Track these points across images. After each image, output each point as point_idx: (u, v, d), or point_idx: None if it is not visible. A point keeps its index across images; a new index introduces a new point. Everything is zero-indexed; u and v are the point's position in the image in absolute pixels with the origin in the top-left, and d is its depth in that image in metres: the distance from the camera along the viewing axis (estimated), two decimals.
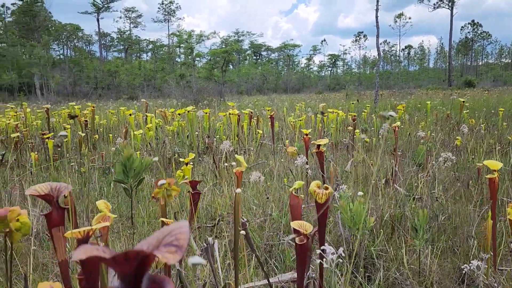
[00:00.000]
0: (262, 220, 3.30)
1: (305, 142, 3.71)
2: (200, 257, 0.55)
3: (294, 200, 1.67)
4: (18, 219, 1.43)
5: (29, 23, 55.31)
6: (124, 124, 8.96)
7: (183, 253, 0.51)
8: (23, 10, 54.28)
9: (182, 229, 0.54)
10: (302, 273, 1.57)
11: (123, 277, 0.54)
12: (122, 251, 0.50)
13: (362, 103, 14.04)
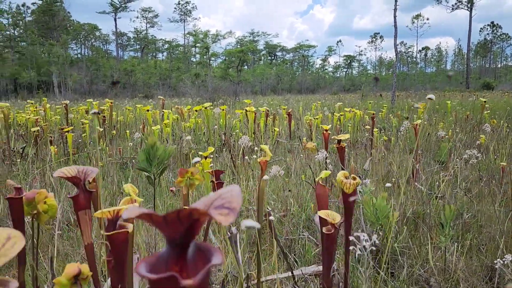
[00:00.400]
0: (281, 215, 3.27)
1: (324, 137, 3.67)
2: (253, 221, 0.52)
3: (321, 189, 1.64)
4: (45, 202, 1.43)
5: (48, 22, 56.33)
6: (141, 121, 9.03)
7: (236, 216, 0.49)
8: (43, 9, 55.32)
9: (233, 192, 0.52)
10: (328, 263, 1.53)
11: (171, 241, 0.52)
12: (174, 210, 0.48)
13: (378, 103, 13.88)
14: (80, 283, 1.25)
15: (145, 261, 0.53)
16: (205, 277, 0.51)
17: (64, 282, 1.21)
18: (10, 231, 0.62)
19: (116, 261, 1.12)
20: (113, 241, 1.09)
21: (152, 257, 0.54)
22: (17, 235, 0.61)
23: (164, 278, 0.48)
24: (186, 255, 0.55)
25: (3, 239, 0.61)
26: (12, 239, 0.60)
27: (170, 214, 0.46)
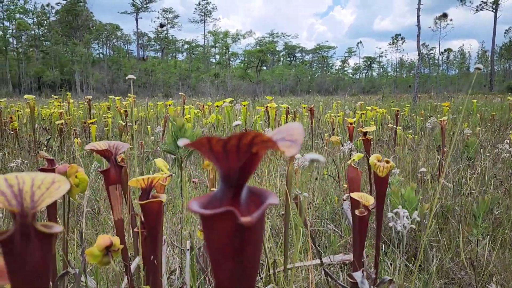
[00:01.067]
0: (306, 208, 3.23)
1: (349, 131, 3.61)
2: (317, 154, 0.49)
3: (353, 172, 1.59)
4: (76, 176, 1.43)
5: (72, 22, 57.57)
6: (161, 117, 9.09)
7: (299, 148, 0.45)
8: (67, 9, 56.56)
9: (294, 126, 0.49)
10: (361, 247, 1.48)
11: (226, 178, 0.49)
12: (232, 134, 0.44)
13: (400, 104, 13.65)
14: (112, 255, 1.24)
15: (196, 200, 0.50)
16: (262, 216, 0.48)
17: (96, 252, 1.20)
18: (54, 175, 0.60)
19: (149, 232, 1.10)
20: (146, 211, 1.07)
21: (204, 197, 0.51)
22: (61, 179, 0.59)
23: (219, 214, 0.45)
24: (239, 197, 0.52)
25: (47, 183, 0.59)
26: (57, 183, 0.59)
27: (231, 139, 0.42)
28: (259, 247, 0.50)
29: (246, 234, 0.48)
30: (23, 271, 0.54)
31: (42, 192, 0.57)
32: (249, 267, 0.50)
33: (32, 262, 0.54)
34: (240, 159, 0.46)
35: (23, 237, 0.55)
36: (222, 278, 0.49)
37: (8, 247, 0.54)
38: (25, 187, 0.57)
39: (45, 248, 0.55)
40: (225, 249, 0.48)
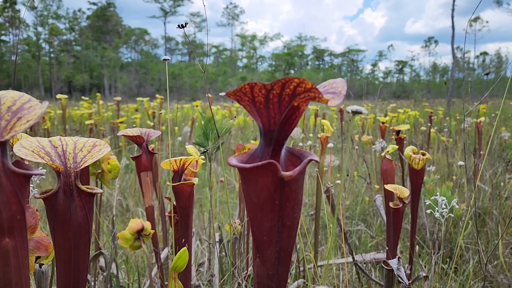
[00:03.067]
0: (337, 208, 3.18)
1: (381, 130, 3.53)
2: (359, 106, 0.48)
3: (387, 164, 1.55)
4: (109, 162, 1.46)
5: (102, 27, 59.34)
6: (188, 119, 9.20)
7: (342, 99, 0.44)
8: (97, 14, 58.38)
9: (336, 81, 0.47)
10: (395, 243, 1.44)
11: (267, 132, 0.48)
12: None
13: (433, 108, 13.28)
14: (143, 240, 1.25)
15: (236, 156, 0.49)
16: (302, 172, 0.47)
17: (128, 236, 1.21)
18: (96, 140, 0.61)
19: (181, 214, 1.11)
20: (178, 193, 1.08)
21: (243, 155, 0.51)
22: (102, 143, 0.59)
23: (261, 167, 0.45)
24: (279, 155, 0.51)
25: (89, 146, 0.60)
26: (98, 146, 0.59)
27: (275, 85, 0.42)
28: (299, 205, 0.49)
29: (286, 190, 0.47)
30: (66, 228, 0.55)
31: (84, 154, 0.58)
32: (288, 224, 0.49)
33: (74, 219, 0.55)
34: (282, 110, 0.45)
35: (66, 195, 0.56)
36: (261, 235, 0.49)
37: (52, 204, 0.55)
38: (68, 149, 0.58)
39: (87, 206, 0.56)
40: (265, 205, 0.47)
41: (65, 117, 7.15)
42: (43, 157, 0.55)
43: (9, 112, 0.44)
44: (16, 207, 0.43)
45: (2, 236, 0.42)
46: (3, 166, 0.42)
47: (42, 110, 0.44)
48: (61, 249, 0.56)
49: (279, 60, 45.82)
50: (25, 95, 0.47)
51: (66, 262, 0.57)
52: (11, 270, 0.43)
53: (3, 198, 0.41)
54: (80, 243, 0.57)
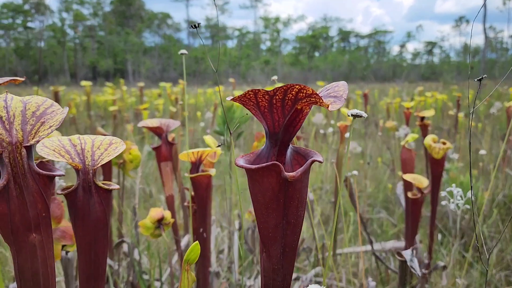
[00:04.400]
0: (357, 196, 3.17)
1: (406, 116, 3.47)
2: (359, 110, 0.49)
3: (406, 153, 1.54)
4: (130, 153, 1.51)
5: (125, 11, 59.75)
6: (211, 104, 9.26)
7: (343, 103, 0.45)
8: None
9: (339, 84, 0.49)
10: (413, 232, 1.44)
11: (272, 134, 0.50)
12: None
13: (463, 91, 12.86)
14: (163, 228, 1.30)
15: (243, 157, 0.51)
16: (306, 172, 0.48)
17: (148, 224, 1.27)
18: (112, 138, 0.64)
19: (199, 205, 1.15)
20: (196, 184, 1.11)
21: (250, 154, 0.53)
22: (118, 141, 0.63)
23: (265, 168, 0.47)
24: (285, 155, 0.53)
25: (106, 144, 0.63)
26: (114, 144, 0.63)
27: (277, 91, 0.43)
28: (303, 203, 0.51)
29: (290, 189, 0.49)
30: (86, 222, 0.59)
31: (101, 152, 0.62)
32: (293, 222, 0.51)
33: (93, 214, 0.59)
34: (285, 114, 0.47)
35: (85, 191, 0.59)
36: (267, 232, 0.51)
37: (72, 200, 0.59)
38: (86, 147, 0.62)
39: (104, 202, 0.60)
40: (270, 204, 0.49)
41: (90, 103, 7.34)
42: (64, 155, 0.59)
43: (34, 117, 0.48)
44: (41, 205, 0.46)
45: (30, 232, 0.46)
46: (29, 168, 0.45)
47: (63, 116, 0.47)
48: (81, 241, 0.61)
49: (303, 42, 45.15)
50: (47, 100, 0.50)
51: (87, 253, 0.61)
52: (38, 261, 0.47)
53: (30, 197, 0.45)
54: (99, 236, 0.61)
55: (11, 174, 0.44)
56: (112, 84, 10.24)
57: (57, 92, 6.24)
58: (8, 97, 0.49)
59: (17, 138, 0.45)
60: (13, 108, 0.48)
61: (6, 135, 0.45)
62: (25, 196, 0.45)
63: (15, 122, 0.47)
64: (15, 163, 0.45)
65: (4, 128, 0.46)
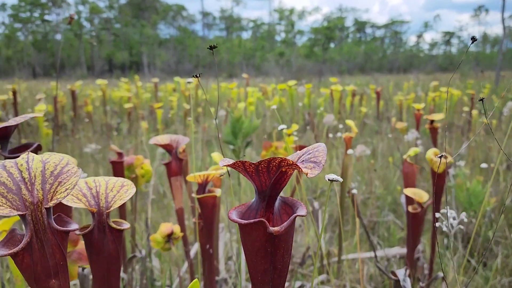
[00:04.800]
0: (365, 197, 3.21)
1: (416, 117, 3.48)
2: (336, 175, 0.55)
3: (408, 167, 1.58)
4: (142, 167, 1.59)
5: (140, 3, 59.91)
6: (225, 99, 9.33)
7: (320, 169, 0.51)
8: None
9: (319, 148, 0.54)
10: (413, 244, 1.49)
11: (260, 192, 0.56)
12: (263, 160, 0.51)
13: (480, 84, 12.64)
14: (173, 242, 1.38)
15: (235, 209, 0.58)
16: (290, 226, 0.55)
17: (159, 239, 1.35)
18: (123, 180, 0.71)
19: (205, 223, 1.22)
20: (202, 204, 1.18)
21: (242, 206, 0.59)
22: (129, 184, 0.70)
23: (253, 224, 0.53)
24: (273, 207, 0.59)
25: (118, 187, 0.70)
26: (125, 186, 0.70)
27: (262, 162, 0.49)
28: (288, 251, 0.57)
29: (276, 241, 0.55)
30: (100, 257, 0.67)
31: (114, 194, 0.69)
32: (279, 267, 0.57)
33: (107, 250, 0.66)
34: (271, 177, 0.53)
35: (100, 231, 0.67)
36: (256, 276, 0.58)
37: (88, 239, 0.67)
38: (101, 190, 0.69)
39: (117, 240, 0.67)
40: (258, 252, 0.56)
41: (106, 99, 7.48)
42: (81, 199, 0.66)
43: (52, 176, 0.55)
44: (59, 255, 0.54)
45: (50, 278, 0.54)
46: (48, 225, 0.53)
47: (77, 178, 0.54)
48: (96, 273, 0.68)
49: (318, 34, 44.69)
50: (63, 159, 0.57)
51: (101, 284, 0.69)
52: None
53: (49, 250, 0.53)
54: (112, 269, 0.68)
55: (33, 230, 0.52)
56: (127, 80, 10.39)
57: (74, 91, 6.40)
58: (29, 157, 0.56)
59: (38, 198, 0.53)
60: (34, 169, 0.55)
61: (28, 195, 0.52)
62: (46, 249, 0.52)
63: (36, 183, 0.54)
64: (36, 220, 0.52)
65: (27, 189, 0.53)
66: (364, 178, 3.55)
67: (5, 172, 0.54)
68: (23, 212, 0.51)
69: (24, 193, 0.52)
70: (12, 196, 0.52)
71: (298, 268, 1.85)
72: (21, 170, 0.54)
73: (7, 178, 0.53)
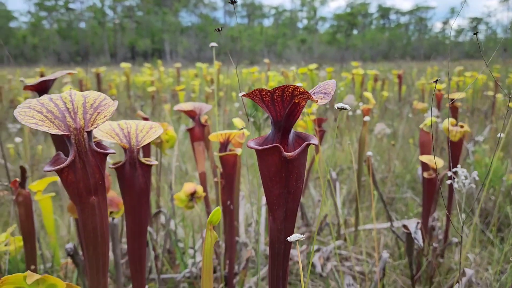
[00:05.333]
0: (384, 176, 3.23)
1: (437, 98, 3.46)
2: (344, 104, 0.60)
3: (424, 137, 1.61)
4: (166, 133, 1.67)
5: None
6: (247, 84, 9.36)
7: (330, 98, 0.56)
8: None
9: (329, 83, 0.60)
10: (428, 209, 1.52)
11: (276, 123, 0.62)
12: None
13: (508, 70, 12.27)
14: (195, 201, 1.46)
15: (253, 140, 0.64)
16: (302, 152, 0.60)
17: (182, 197, 1.43)
18: (152, 123, 0.78)
19: (226, 180, 1.29)
20: (224, 162, 1.25)
21: (260, 138, 0.65)
22: (156, 125, 0.76)
23: (269, 149, 0.59)
24: (287, 138, 0.65)
25: (147, 128, 0.77)
26: (153, 128, 0.76)
27: (276, 90, 0.55)
28: (301, 177, 0.63)
29: (290, 166, 0.61)
30: (132, 190, 0.74)
31: (143, 134, 0.76)
32: (293, 192, 0.63)
33: (137, 184, 0.74)
34: (285, 107, 0.58)
35: (131, 166, 0.74)
36: (272, 199, 0.64)
37: (121, 173, 0.74)
38: (131, 130, 0.76)
39: (146, 175, 0.74)
40: (273, 177, 0.62)
41: (129, 83, 7.64)
42: (114, 137, 0.74)
43: (92, 108, 0.62)
44: (98, 175, 0.61)
45: (90, 195, 0.61)
46: (89, 147, 0.60)
47: (114, 107, 0.61)
48: (128, 205, 0.76)
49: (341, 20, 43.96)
50: (101, 95, 0.64)
51: (132, 215, 0.76)
52: (96, 218, 0.62)
53: (90, 169, 0.60)
54: (141, 201, 0.76)
55: (76, 151, 0.59)
56: (150, 65, 10.55)
57: (99, 74, 6.56)
58: (72, 92, 0.63)
59: (80, 124, 0.60)
60: (76, 101, 0.62)
61: (72, 122, 0.60)
62: (87, 168, 0.60)
63: (78, 112, 0.61)
64: (79, 143, 0.59)
65: (71, 117, 0.60)
66: (384, 158, 3.57)
67: (52, 103, 0.61)
68: (68, 133, 0.58)
69: (68, 120, 0.60)
70: (58, 122, 0.59)
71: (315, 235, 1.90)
72: (65, 102, 0.62)
73: (54, 107, 0.60)
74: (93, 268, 0.66)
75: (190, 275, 1.46)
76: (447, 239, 1.69)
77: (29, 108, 0.58)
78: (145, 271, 0.82)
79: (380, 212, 2.48)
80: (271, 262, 0.69)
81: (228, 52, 1.01)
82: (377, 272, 1.22)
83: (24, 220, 0.90)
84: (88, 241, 0.64)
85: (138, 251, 0.79)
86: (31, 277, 0.64)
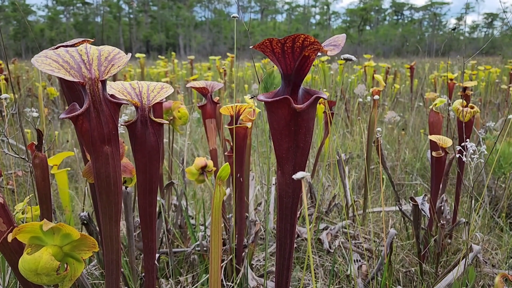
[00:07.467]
0: (394, 164, 3.23)
1: (449, 87, 3.42)
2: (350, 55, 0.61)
3: (434, 116, 1.61)
4: (179, 110, 1.69)
5: None
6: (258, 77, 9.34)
7: (339, 49, 0.57)
8: None
9: (339, 36, 0.61)
10: (436, 189, 1.52)
11: (286, 76, 0.64)
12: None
13: None
14: (206, 175, 1.48)
15: (263, 95, 0.65)
16: (311, 105, 0.62)
17: (193, 171, 1.45)
18: (163, 83, 0.80)
19: (236, 153, 1.30)
20: (234, 135, 1.27)
21: (270, 93, 0.66)
22: (167, 86, 0.79)
23: (278, 100, 0.61)
24: (297, 94, 0.66)
25: (158, 88, 0.79)
26: (164, 88, 0.79)
27: (287, 39, 0.56)
28: (310, 132, 0.65)
29: (299, 119, 0.62)
30: (143, 148, 0.76)
31: (155, 94, 0.78)
32: (301, 146, 0.65)
33: (148, 142, 0.76)
34: (295, 59, 0.60)
35: (142, 124, 0.76)
36: (281, 153, 0.65)
37: (132, 130, 0.76)
38: (143, 90, 0.78)
39: (157, 133, 0.76)
40: (283, 131, 0.63)
41: (144, 74, 7.70)
42: (126, 95, 0.76)
43: (106, 61, 0.64)
44: (112, 125, 0.63)
45: (104, 144, 0.63)
46: (103, 97, 0.62)
47: (127, 59, 0.63)
48: (140, 163, 0.78)
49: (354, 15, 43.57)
50: (116, 49, 0.67)
51: (144, 172, 0.79)
52: (109, 167, 0.65)
53: (104, 119, 0.62)
54: (153, 159, 0.78)
55: (91, 101, 0.61)
56: (164, 57, 10.62)
57: None
58: (87, 46, 0.65)
59: (95, 75, 0.62)
60: (91, 54, 0.64)
61: (87, 72, 0.62)
62: (101, 118, 0.62)
63: (93, 64, 0.63)
64: (93, 92, 0.61)
65: (86, 68, 0.62)
66: (394, 147, 3.56)
67: (68, 55, 0.63)
68: (83, 81, 0.60)
69: (83, 71, 0.62)
70: (74, 72, 0.61)
71: (324, 215, 1.92)
72: (80, 54, 0.64)
73: (69, 58, 0.63)
74: (105, 216, 0.68)
75: (200, 249, 1.49)
76: (455, 220, 1.69)
77: (46, 57, 0.61)
78: (155, 228, 0.85)
79: (389, 196, 2.48)
80: (280, 215, 0.71)
81: (240, 48, 1.02)
82: (385, 247, 1.23)
83: (40, 181, 0.93)
84: (102, 190, 0.66)
85: (148, 208, 0.81)
86: (46, 225, 0.67)
